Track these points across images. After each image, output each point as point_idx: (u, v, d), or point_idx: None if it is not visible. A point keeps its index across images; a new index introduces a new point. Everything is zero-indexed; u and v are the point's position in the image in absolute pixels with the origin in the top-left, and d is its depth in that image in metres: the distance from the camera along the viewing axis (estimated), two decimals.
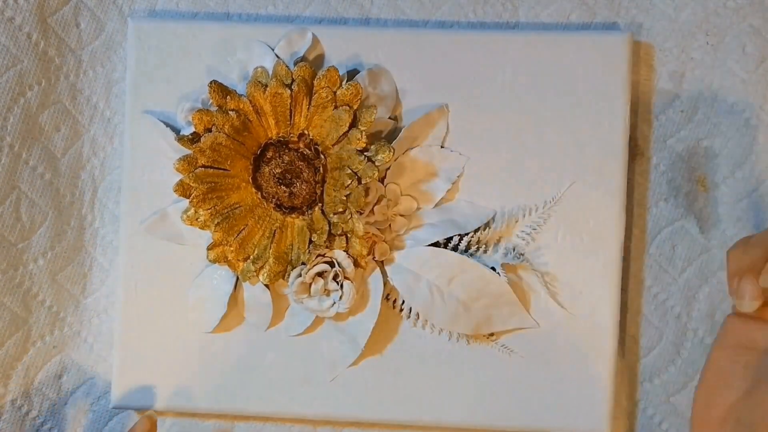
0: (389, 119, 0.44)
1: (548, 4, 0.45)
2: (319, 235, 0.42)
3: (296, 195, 0.42)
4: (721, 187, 0.45)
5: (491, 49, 0.44)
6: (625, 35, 0.43)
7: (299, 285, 0.43)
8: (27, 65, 0.45)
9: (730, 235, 0.45)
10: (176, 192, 0.43)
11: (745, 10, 0.44)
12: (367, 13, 0.46)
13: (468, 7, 0.46)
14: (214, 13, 0.47)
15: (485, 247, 0.44)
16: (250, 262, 0.43)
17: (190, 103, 0.44)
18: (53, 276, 0.47)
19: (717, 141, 0.45)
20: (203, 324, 0.45)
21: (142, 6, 0.47)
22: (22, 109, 0.45)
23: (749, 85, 0.44)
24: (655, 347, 0.45)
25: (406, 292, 0.44)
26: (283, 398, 0.45)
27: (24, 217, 0.46)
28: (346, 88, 0.41)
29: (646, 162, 0.45)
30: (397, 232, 0.44)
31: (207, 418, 0.47)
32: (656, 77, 0.45)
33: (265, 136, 0.43)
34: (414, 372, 0.45)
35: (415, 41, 0.44)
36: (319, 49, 0.45)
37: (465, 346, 0.44)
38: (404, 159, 0.44)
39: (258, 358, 0.45)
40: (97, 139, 0.48)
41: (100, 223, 0.48)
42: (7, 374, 0.46)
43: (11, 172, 0.45)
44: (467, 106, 0.44)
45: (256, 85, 0.42)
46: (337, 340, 0.44)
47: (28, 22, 0.45)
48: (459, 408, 0.44)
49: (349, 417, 0.45)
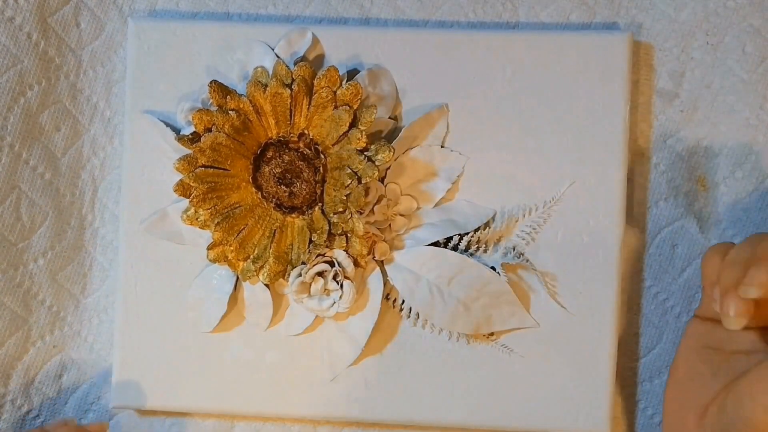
0: (389, 119, 0.44)
1: (548, 4, 0.45)
2: (319, 235, 0.42)
3: (296, 195, 0.42)
4: (721, 187, 0.45)
5: (491, 49, 0.44)
6: (625, 35, 0.43)
7: (299, 285, 0.43)
8: (27, 65, 0.45)
9: (730, 235, 0.45)
10: (176, 192, 0.43)
11: (745, 10, 0.44)
12: (367, 13, 0.46)
13: (468, 7, 0.46)
14: (214, 13, 0.47)
15: (485, 246, 0.44)
16: (250, 262, 0.43)
17: (190, 103, 0.44)
18: (53, 276, 0.47)
19: (717, 141, 0.45)
20: (203, 324, 0.45)
21: (142, 6, 0.47)
22: (22, 109, 0.45)
23: (749, 85, 0.44)
24: (655, 347, 0.45)
25: (406, 292, 0.44)
26: (283, 398, 0.45)
27: (24, 217, 0.46)
28: (346, 88, 0.41)
29: (646, 162, 0.45)
30: (397, 232, 0.44)
31: (207, 418, 0.47)
32: (656, 77, 0.45)
33: (265, 136, 0.43)
34: (414, 372, 0.44)
35: (415, 41, 0.44)
36: (319, 49, 0.45)
37: (465, 346, 0.44)
38: (404, 159, 0.44)
39: (258, 358, 0.45)
40: (97, 139, 0.48)
41: (100, 223, 0.48)
42: (7, 374, 0.46)
43: (11, 172, 0.46)
44: (467, 106, 0.44)
45: (256, 85, 0.42)
46: (337, 340, 0.44)
47: (28, 22, 0.45)
48: (459, 408, 0.44)
49: (349, 417, 0.45)
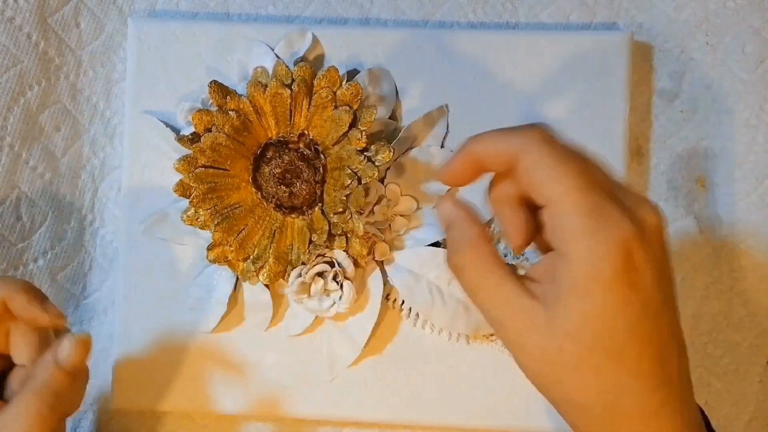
0: (389, 119, 0.44)
1: (548, 4, 0.45)
2: (319, 235, 0.42)
3: (296, 195, 0.42)
4: (721, 187, 0.45)
5: (491, 49, 0.44)
6: (625, 35, 0.43)
7: (299, 285, 0.43)
8: (27, 65, 0.45)
9: (730, 235, 0.45)
10: (176, 192, 0.43)
11: (745, 10, 0.44)
12: (367, 13, 0.46)
13: (468, 7, 0.46)
14: (214, 13, 0.47)
15: None
16: (250, 262, 0.43)
17: (190, 103, 0.44)
18: (53, 276, 0.47)
19: (717, 141, 0.45)
20: (203, 324, 0.45)
21: (142, 6, 0.47)
22: (22, 109, 0.45)
23: (749, 85, 0.44)
24: None
25: (406, 292, 0.44)
26: (283, 398, 0.45)
27: (24, 217, 0.46)
28: (346, 88, 0.41)
29: (646, 162, 0.45)
30: (397, 232, 0.44)
31: (207, 418, 0.47)
32: (656, 77, 0.45)
33: (265, 136, 0.43)
34: (414, 372, 0.45)
35: (415, 41, 0.44)
36: (319, 49, 0.45)
37: (465, 346, 0.44)
38: (404, 159, 0.44)
39: (258, 358, 0.45)
40: (97, 139, 0.48)
41: (100, 223, 0.48)
42: None
43: (11, 172, 0.46)
44: (467, 106, 0.44)
45: (256, 85, 0.42)
46: (337, 340, 0.44)
47: (28, 22, 0.45)
48: (459, 408, 0.44)
49: (349, 417, 0.45)
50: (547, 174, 0.28)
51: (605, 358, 0.28)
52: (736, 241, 0.45)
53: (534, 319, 0.28)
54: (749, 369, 0.45)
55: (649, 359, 0.28)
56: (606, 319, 0.27)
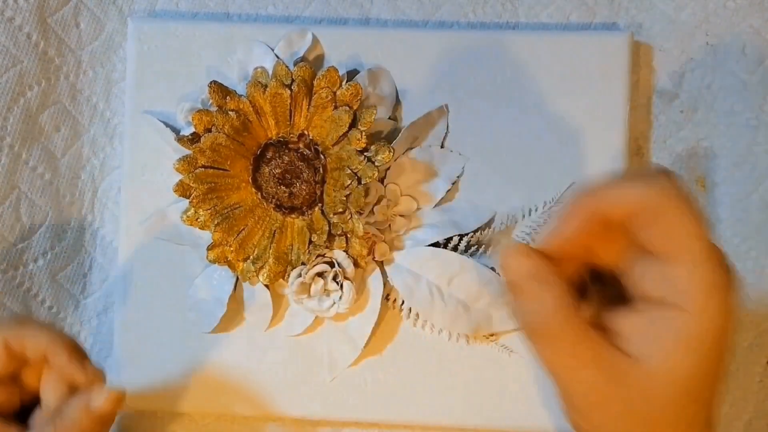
0: (389, 119, 0.44)
1: (548, 4, 0.45)
2: (319, 235, 0.42)
3: (296, 195, 0.42)
4: (721, 187, 0.45)
5: (491, 49, 0.44)
6: (625, 35, 0.43)
7: (299, 285, 0.43)
8: (27, 65, 0.45)
9: (730, 235, 0.45)
10: (176, 192, 0.43)
11: (745, 10, 0.44)
12: (367, 13, 0.46)
13: (468, 7, 0.46)
14: (214, 13, 0.47)
15: (485, 247, 0.44)
16: (250, 262, 0.43)
17: (190, 103, 0.44)
18: (53, 276, 0.47)
19: (717, 141, 0.45)
20: (203, 324, 0.45)
21: (142, 6, 0.47)
22: (22, 109, 0.45)
23: (749, 86, 0.44)
24: None
25: (406, 292, 0.44)
26: (283, 398, 0.45)
27: (24, 217, 0.46)
28: (346, 88, 0.41)
29: (646, 162, 0.45)
30: (397, 232, 0.44)
31: (207, 418, 0.47)
32: (656, 77, 0.45)
33: (265, 136, 0.43)
34: (414, 372, 0.44)
35: (415, 41, 0.44)
36: (319, 49, 0.45)
37: (465, 346, 0.44)
38: (404, 159, 0.44)
39: (258, 358, 0.45)
40: (97, 139, 0.48)
41: (100, 223, 0.48)
42: None
43: (11, 172, 0.45)
44: (467, 106, 0.44)
45: (256, 85, 0.42)
46: (337, 340, 0.44)
47: (28, 22, 0.45)
48: (459, 408, 0.44)
49: (349, 417, 0.45)
50: (682, 232, 0.29)
51: (686, 417, 0.29)
52: (736, 241, 0.45)
53: (626, 376, 0.29)
54: (749, 369, 0.45)
55: (710, 423, 0.30)
56: (708, 378, 0.29)
